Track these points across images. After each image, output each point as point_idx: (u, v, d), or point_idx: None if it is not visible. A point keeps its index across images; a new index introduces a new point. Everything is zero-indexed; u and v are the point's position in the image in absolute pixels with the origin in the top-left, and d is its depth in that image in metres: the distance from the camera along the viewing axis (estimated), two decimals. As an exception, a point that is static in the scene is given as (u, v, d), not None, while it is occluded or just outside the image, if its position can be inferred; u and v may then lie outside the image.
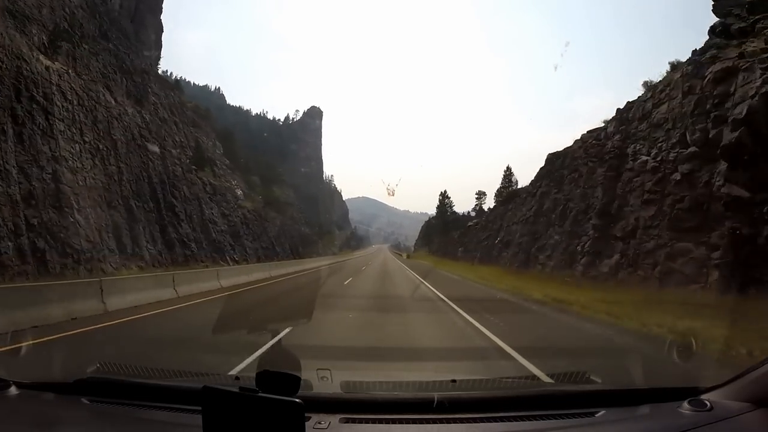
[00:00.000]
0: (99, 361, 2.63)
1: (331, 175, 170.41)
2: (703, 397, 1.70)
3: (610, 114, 18.68)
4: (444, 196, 66.91)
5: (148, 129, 31.93)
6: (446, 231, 59.74)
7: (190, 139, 41.29)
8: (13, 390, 1.94)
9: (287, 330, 5.92)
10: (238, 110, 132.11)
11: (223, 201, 32.81)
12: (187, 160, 31.03)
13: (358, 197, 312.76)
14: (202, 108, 58.79)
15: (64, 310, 7.92)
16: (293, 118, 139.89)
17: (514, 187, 42.73)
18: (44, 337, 6.40)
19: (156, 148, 27.20)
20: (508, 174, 47.56)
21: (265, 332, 5.45)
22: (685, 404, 1.66)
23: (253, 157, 78.46)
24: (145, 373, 2.57)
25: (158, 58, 52.14)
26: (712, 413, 1.60)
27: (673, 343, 4.74)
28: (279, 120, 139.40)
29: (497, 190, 47.03)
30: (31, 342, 5.75)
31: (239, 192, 40.43)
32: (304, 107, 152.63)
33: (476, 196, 59.95)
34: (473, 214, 59.50)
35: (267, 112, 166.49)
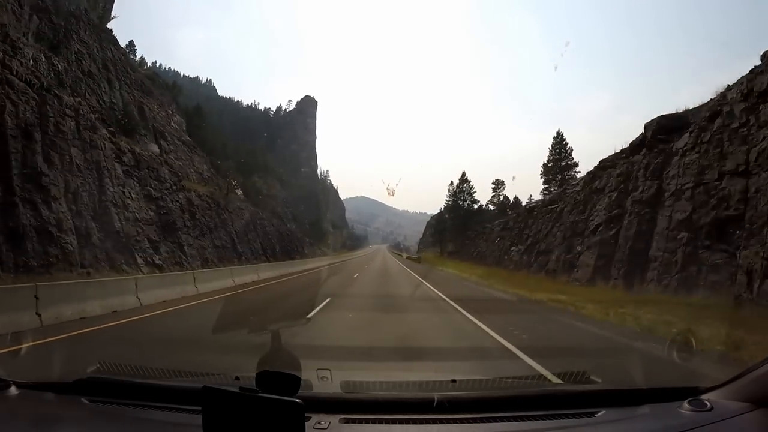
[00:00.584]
0: (99, 360, 2.48)
1: (327, 171, 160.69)
2: (703, 397, 1.66)
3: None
4: (462, 181, 51.75)
5: (56, 76, 23.37)
6: (468, 225, 47.07)
7: (128, 103, 31.79)
8: (13, 390, 1.89)
9: None
10: (228, 101, 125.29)
11: (152, 178, 22.57)
12: (94, 116, 20.78)
13: (357, 197, 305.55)
14: (161, 78, 50.29)
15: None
16: (285, 109, 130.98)
17: (568, 161, 31.19)
18: None
19: (28, 89, 16.99)
20: (560, 140, 34.58)
21: None
22: (685, 404, 1.62)
23: (234, 143, 70.28)
24: (145, 373, 2.47)
25: (108, 11, 43.86)
26: (712, 413, 1.56)
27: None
28: (270, 110, 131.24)
29: (543, 165, 35.13)
30: None
31: (192, 172, 30.27)
32: (297, 98, 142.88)
33: (493, 186, 50.94)
34: (492, 207, 49.66)
35: (258, 103, 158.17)
